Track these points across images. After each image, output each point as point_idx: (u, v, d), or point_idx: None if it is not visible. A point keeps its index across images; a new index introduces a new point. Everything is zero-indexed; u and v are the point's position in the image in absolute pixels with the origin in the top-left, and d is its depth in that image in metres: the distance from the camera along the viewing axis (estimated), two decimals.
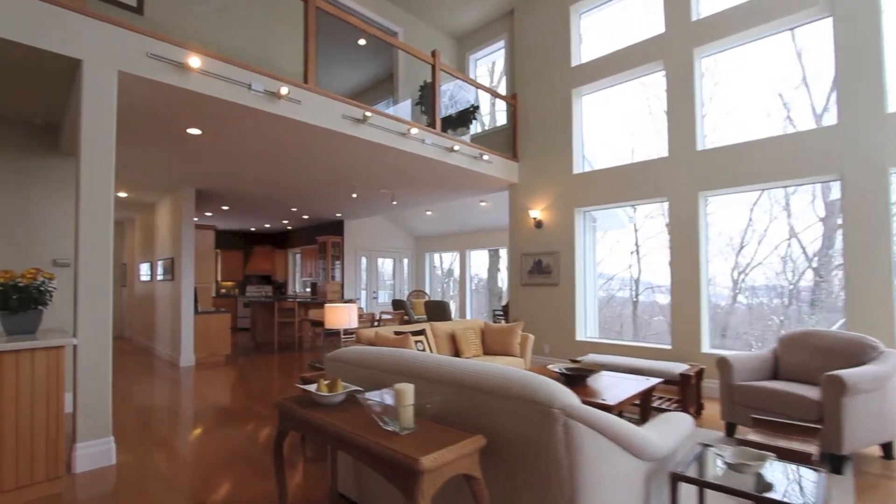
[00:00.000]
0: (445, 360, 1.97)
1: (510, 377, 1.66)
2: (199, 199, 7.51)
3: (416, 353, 2.16)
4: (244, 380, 5.67)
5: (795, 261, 6.19)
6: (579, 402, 1.57)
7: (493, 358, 4.60)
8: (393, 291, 11.47)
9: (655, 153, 5.57)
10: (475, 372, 1.78)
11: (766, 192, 5.18)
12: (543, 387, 1.57)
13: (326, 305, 3.40)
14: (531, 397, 1.55)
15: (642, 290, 7.40)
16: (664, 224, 6.92)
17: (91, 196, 2.98)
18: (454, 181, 6.38)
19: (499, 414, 1.64)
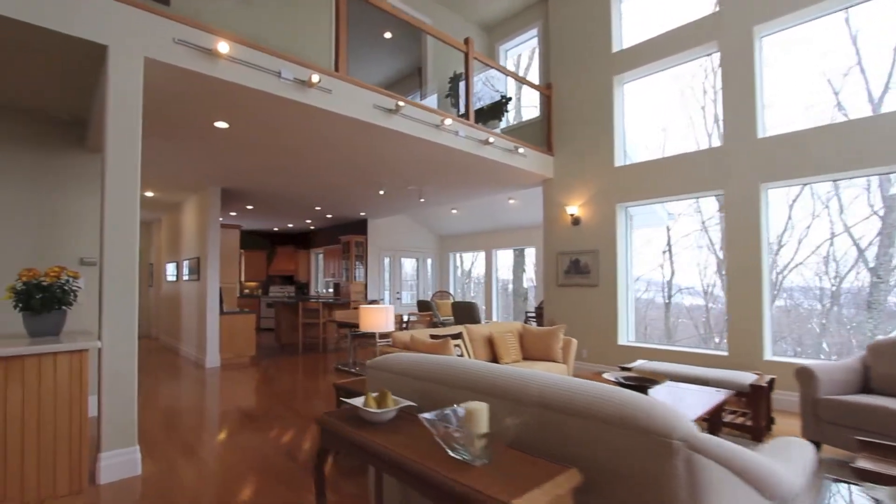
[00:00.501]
0: (518, 373, 1.68)
1: (610, 397, 1.36)
2: (225, 198, 7.39)
3: (478, 364, 1.88)
4: (270, 383, 5.49)
5: (839, 261, 5.76)
6: (701, 432, 1.26)
7: (533, 364, 4.29)
8: (416, 292, 11.23)
9: (699, 144, 5.17)
10: (562, 389, 1.48)
11: (807, 188, 4.77)
12: (658, 411, 1.27)
13: (361, 307, 3.14)
14: (642, 424, 1.25)
15: (673, 291, 6.97)
16: (700, 222, 6.51)
17: (117, 191, 2.80)
18: (486, 176, 6.09)
19: (595, 443, 1.34)
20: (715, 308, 6.65)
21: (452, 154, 5.09)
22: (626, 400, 1.33)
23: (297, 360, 7.15)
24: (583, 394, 1.42)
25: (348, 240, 9.87)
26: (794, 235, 5.67)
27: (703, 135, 6.08)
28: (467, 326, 4.45)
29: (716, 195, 5.01)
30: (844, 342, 5.46)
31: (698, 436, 1.24)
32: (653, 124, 5.92)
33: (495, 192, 7.04)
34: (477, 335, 4.38)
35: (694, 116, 6.14)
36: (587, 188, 5.94)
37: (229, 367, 6.51)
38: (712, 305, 6.72)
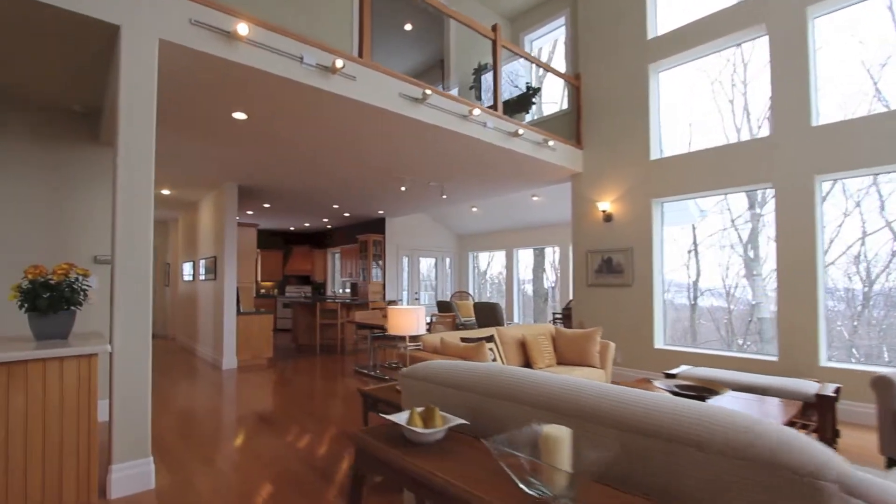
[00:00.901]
0: (595, 388, 1.41)
1: (733, 424, 1.08)
2: (242, 196, 7.24)
3: (541, 376, 1.61)
4: (289, 386, 5.29)
5: (870, 260, 5.41)
6: (855, 470, 0.98)
7: (569, 369, 4.00)
8: (435, 292, 10.98)
9: (728, 138, 4.82)
10: (661, 410, 1.21)
11: (838, 183, 4.40)
12: (796, 444, 0.99)
13: (390, 308, 2.89)
14: (782, 460, 0.97)
15: (698, 292, 6.60)
16: (728, 220, 6.12)
17: (129, 185, 2.60)
18: (513, 171, 5.81)
19: (709, 480, 1.06)
20: (737, 309, 6.32)
21: (479, 147, 4.83)
22: (755, 429, 1.05)
23: (314, 361, 6.96)
24: (692, 417, 1.14)
25: (366, 239, 9.68)
26: (825, 234, 5.37)
27: (732, 128, 5.72)
28: (498, 329, 4.18)
29: (762, 188, 4.66)
30: (874, 345, 5.11)
31: (854, 475, 0.96)
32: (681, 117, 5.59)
33: (520, 188, 6.76)
34: (508, 338, 4.11)
35: (723, 109, 5.78)
36: (620, 183, 5.62)
37: (246, 368, 6.34)
38: (733, 307, 6.40)
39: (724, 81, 5.64)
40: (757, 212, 6.08)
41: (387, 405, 2.81)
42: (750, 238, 6.20)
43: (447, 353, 3.30)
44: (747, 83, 5.28)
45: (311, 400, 4.63)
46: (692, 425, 1.13)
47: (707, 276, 6.34)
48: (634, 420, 1.22)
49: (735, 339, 6.27)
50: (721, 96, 5.61)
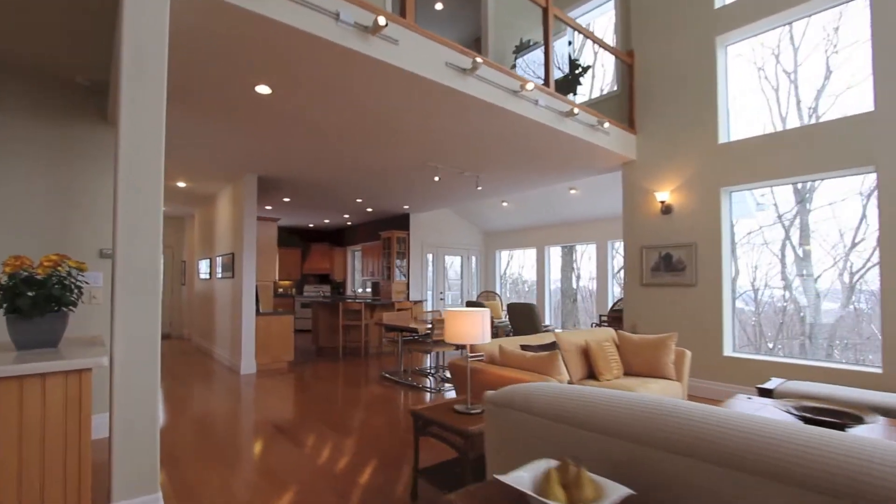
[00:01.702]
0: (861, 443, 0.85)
1: None
2: (261, 189, 6.80)
3: (733, 416, 1.05)
4: (313, 394, 4.80)
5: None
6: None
7: (641, 382, 3.41)
8: (461, 292, 10.45)
9: (786, 122, 4.18)
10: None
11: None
12: None
13: (447, 311, 2.36)
14: None
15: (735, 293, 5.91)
16: (774, 216, 5.47)
17: (134, 165, 2.11)
18: (561, 157, 5.23)
19: None
20: (765, 312, 5.70)
21: (528, 128, 4.28)
22: None
23: (337, 366, 6.47)
24: None
25: (389, 235, 9.18)
26: (872, 231, 4.77)
27: (794, 113, 5.05)
28: (556, 334, 3.62)
29: (862, 173, 4.01)
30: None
31: None
32: (751, 96, 4.96)
33: (564, 178, 6.17)
34: (569, 345, 3.55)
35: (772, 92, 5.11)
36: (681, 170, 5.01)
37: (266, 373, 5.87)
38: (785, 308, 5.78)
39: (804, 54, 4.98)
40: (806, 206, 5.47)
41: (442, 429, 2.28)
42: (800, 235, 5.57)
43: (509, 365, 2.76)
44: (836, 51, 4.62)
45: (339, 412, 4.12)
46: None
47: (745, 275, 5.70)
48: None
49: (765, 342, 5.65)
50: (774, 78, 4.97)
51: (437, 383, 5.32)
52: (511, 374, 2.62)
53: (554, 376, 2.51)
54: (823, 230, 5.42)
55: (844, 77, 4.53)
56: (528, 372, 2.58)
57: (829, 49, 4.70)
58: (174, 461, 2.95)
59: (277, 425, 3.73)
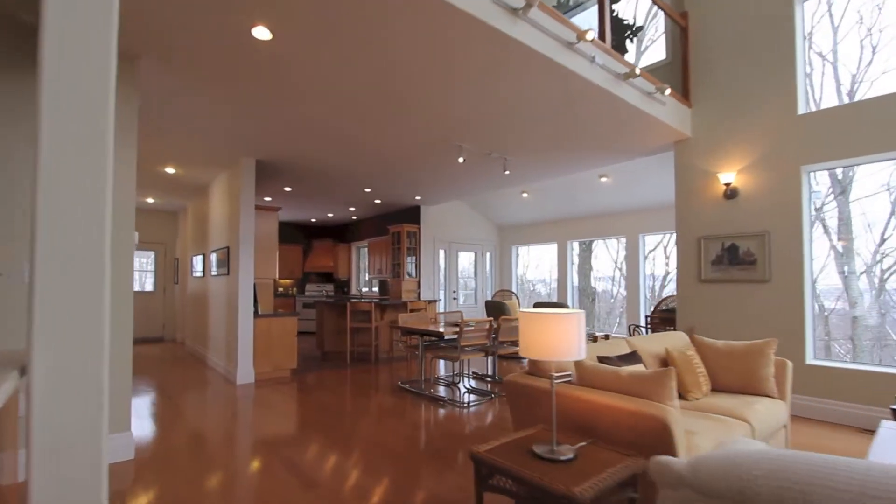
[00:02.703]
0: None
1: None
2: (261, 176, 6.09)
3: None
4: (322, 411, 4.08)
5: None
6: None
7: (740, 401, 2.69)
8: (475, 291, 9.74)
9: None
10: None
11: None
12: None
13: (524, 314, 1.66)
14: None
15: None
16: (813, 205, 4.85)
17: (64, 112, 1.38)
18: (608, 130, 4.52)
19: None
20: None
21: (579, 91, 3.56)
22: None
23: (345, 374, 5.76)
24: None
25: (399, 229, 8.47)
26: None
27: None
28: (629, 340, 2.91)
29: None
30: None
31: None
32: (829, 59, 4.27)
33: (605, 160, 5.44)
34: (646, 354, 2.84)
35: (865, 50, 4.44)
36: (750, 147, 4.30)
37: (266, 383, 5.16)
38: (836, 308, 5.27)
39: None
40: (845, 196, 4.87)
41: (522, 485, 1.57)
42: (840, 227, 4.96)
43: (593, 385, 2.05)
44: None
45: (355, 434, 3.41)
46: None
47: None
48: None
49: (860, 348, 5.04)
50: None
51: (462, 395, 4.61)
52: (601, 398, 1.91)
53: (665, 402, 1.81)
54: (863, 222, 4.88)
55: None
56: (626, 396, 1.87)
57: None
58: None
59: (279, 453, 3.02)
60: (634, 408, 1.77)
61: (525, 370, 2.39)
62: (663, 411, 1.71)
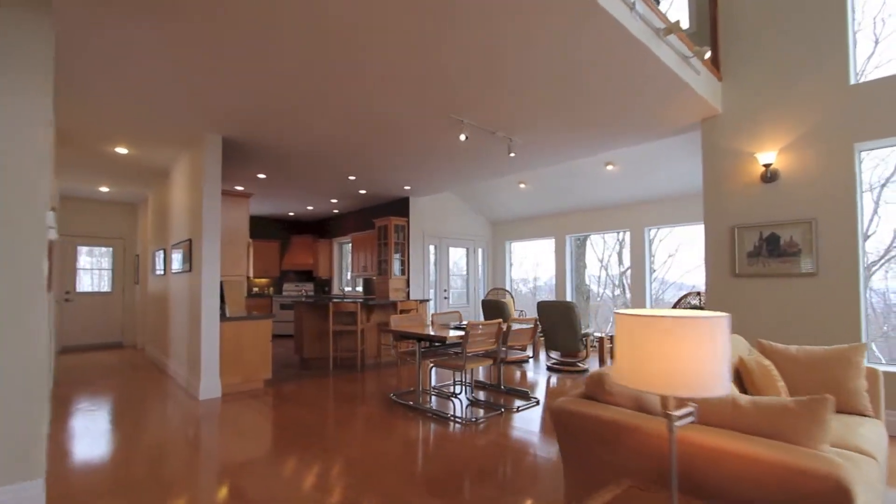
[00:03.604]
0: None
1: None
2: (229, 160, 5.34)
3: None
4: (301, 433, 3.39)
5: None
6: None
7: (836, 422, 2.13)
8: (466, 290, 9.11)
9: None
10: None
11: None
12: None
13: (622, 315, 1.01)
14: None
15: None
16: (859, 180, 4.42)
17: None
18: (636, 99, 3.95)
19: None
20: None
21: (613, 42, 2.96)
22: None
23: (328, 383, 5.06)
24: None
25: (386, 223, 7.77)
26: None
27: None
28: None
29: None
30: None
31: None
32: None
33: (622, 139, 4.87)
34: None
35: None
36: (792, 124, 3.79)
37: (235, 397, 4.42)
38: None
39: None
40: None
41: None
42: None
43: (709, 422, 1.43)
44: None
45: (346, 469, 2.73)
46: None
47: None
48: None
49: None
50: None
51: (466, 409, 3.98)
52: (722, 441, 1.30)
53: (818, 446, 1.22)
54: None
55: None
56: (760, 440, 1.27)
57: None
58: None
59: (242, 494, 2.32)
60: (788, 460, 1.16)
61: (581, 391, 1.77)
62: (838, 468, 1.11)
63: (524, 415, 3.81)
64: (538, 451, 3.00)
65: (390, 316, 4.82)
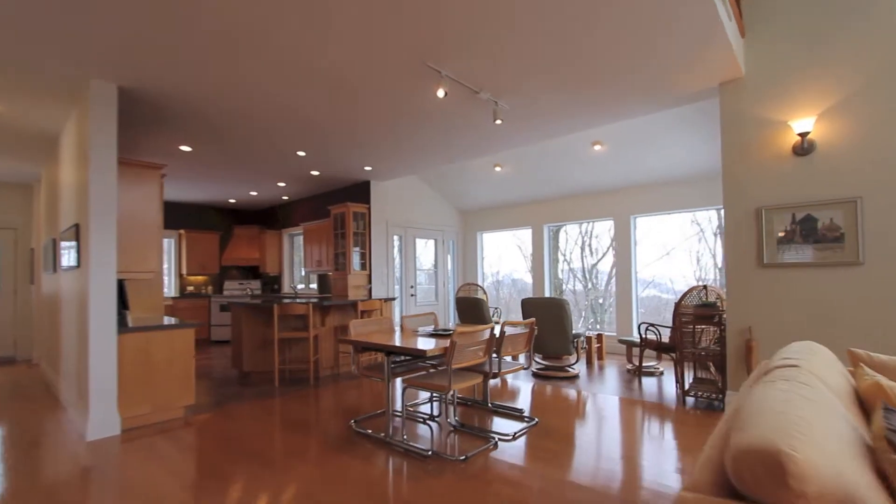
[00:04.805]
0: None
1: None
2: (136, 122, 4.18)
3: None
4: (223, 495, 2.41)
5: None
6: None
7: None
8: (435, 286, 8.25)
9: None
10: None
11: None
12: None
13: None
14: None
15: None
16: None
17: None
18: (653, 48, 3.22)
19: None
20: None
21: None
22: None
23: (271, 406, 4.06)
24: None
25: (343, 209, 6.76)
26: None
27: None
28: (797, 361, 1.58)
29: None
30: None
31: None
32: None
33: (625, 106, 4.12)
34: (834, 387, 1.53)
35: None
36: (831, 86, 3.20)
37: (139, 435, 3.34)
38: None
39: None
40: None
41: None
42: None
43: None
44: None
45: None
46: None
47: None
48: None
49: None
50: None
51: (448, 438, 3.14)
52: None
53: None
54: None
55: None
56: None
57: None
58: None
59: None
60: None
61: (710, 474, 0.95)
62: None
63: (523, 444, 3.02)
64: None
65: (350, 320, 3.88)
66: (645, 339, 4.78)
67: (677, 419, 3.50)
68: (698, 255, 6.48)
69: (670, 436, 3.15)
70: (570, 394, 4.33)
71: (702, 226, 6.37)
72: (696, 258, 6.50)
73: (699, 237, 6.38)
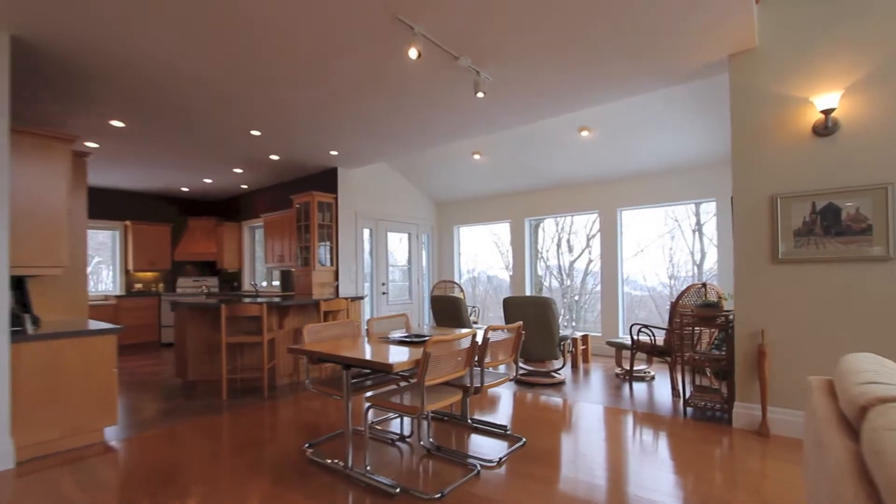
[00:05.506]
0: None
1: None
2: (50, 86, 3.48)
3: None
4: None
5: None
6: None
7: None
8: (409, 282, 7.70)
9: None
10: None
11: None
12: None
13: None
14: None
15: None
16: None
17: None
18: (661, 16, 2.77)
19: None
20: None
21: None
22: None
23: (215, 424, 3.45)
24: None
25: (308, 199, 6.13)
26: None
27: None
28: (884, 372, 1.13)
29: None
30: None
31: None
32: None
33: (619, 83, 3.67)
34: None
35: None
36: (857, 56, 2.83)
37: (40, 467, 2.70)
38: None
39: None
40: None
41: None
42: None
43: None
44: None
45: None
46: None
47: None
48: None
49: None
50: None
51: (421, 463, 2.63)
52: None
53: None
54: None
55: None
56: None
57: None
58: None
59: None
60: None
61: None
62: None
63: (510, 471, 2.53)
64: None
65: (313, 322, 3.31)
66: (637, 342, 4.39)
67: (682, 436, 3.09)
68: (671, 251, 6.20)
69: (679, 456, 2.73)
70: (557, 404, 3.88)
71: (679, 221, 6.08)
72: (670, 256, 6.22)
73: (672, 234, 6.10)
